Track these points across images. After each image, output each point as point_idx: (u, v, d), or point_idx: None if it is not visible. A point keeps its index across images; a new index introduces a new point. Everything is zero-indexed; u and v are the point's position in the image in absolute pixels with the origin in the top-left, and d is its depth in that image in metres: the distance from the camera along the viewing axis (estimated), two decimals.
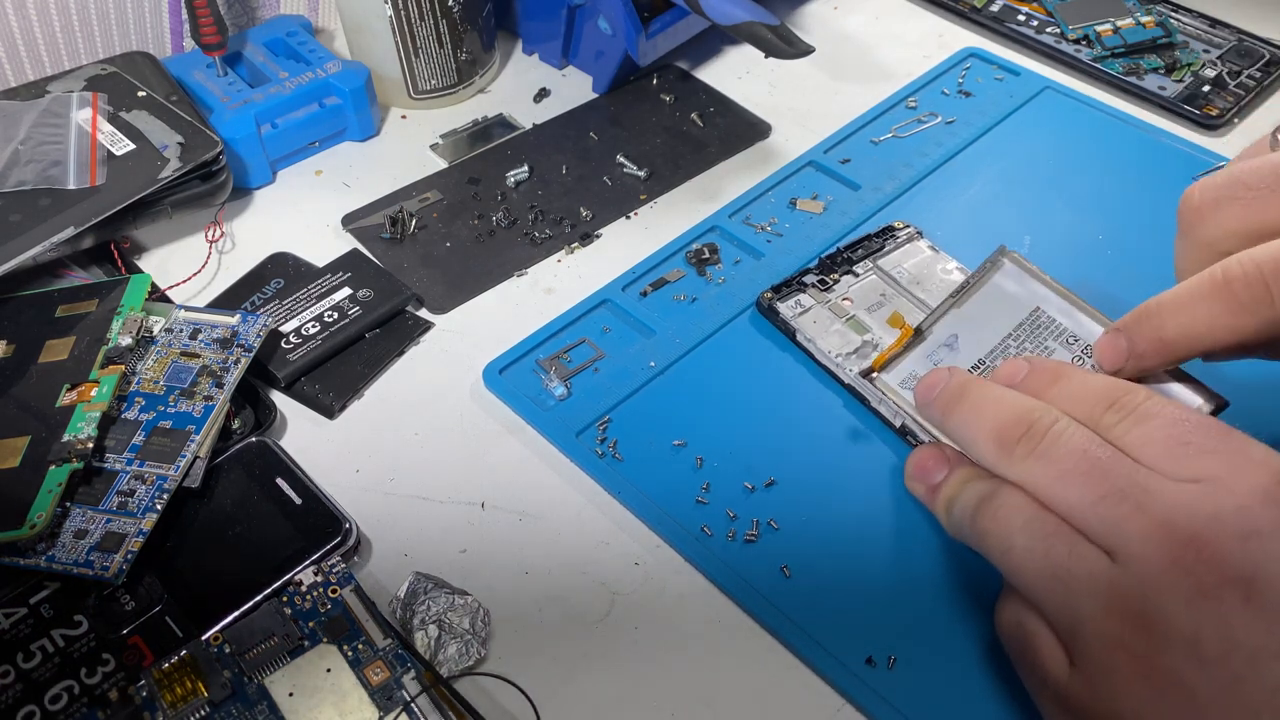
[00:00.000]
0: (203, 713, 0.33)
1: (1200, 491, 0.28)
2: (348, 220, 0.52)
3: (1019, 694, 0.33)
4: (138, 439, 0.39)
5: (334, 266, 0.48)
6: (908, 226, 0.48)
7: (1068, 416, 0.31)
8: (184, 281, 0.49)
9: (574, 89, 0.60)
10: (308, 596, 0.36)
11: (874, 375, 0.40)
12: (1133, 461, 0.30)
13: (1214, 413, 0.35)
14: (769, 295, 0.45)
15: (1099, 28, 0.61)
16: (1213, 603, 0.27)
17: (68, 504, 0.37)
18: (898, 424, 0.41)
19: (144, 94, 0.50)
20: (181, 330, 0.43)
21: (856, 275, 0.46)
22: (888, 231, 0.48)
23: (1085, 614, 0.29)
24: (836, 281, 0.46)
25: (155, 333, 0.43)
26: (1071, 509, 0.30)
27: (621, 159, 0.55)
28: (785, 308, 0.45)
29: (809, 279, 0.46)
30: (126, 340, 0.42)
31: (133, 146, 0.47)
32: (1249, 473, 0.28)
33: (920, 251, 0.47)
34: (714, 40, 0.63)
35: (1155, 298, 0.34)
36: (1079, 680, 0.29)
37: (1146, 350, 0.34)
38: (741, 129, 0.57)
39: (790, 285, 0.46)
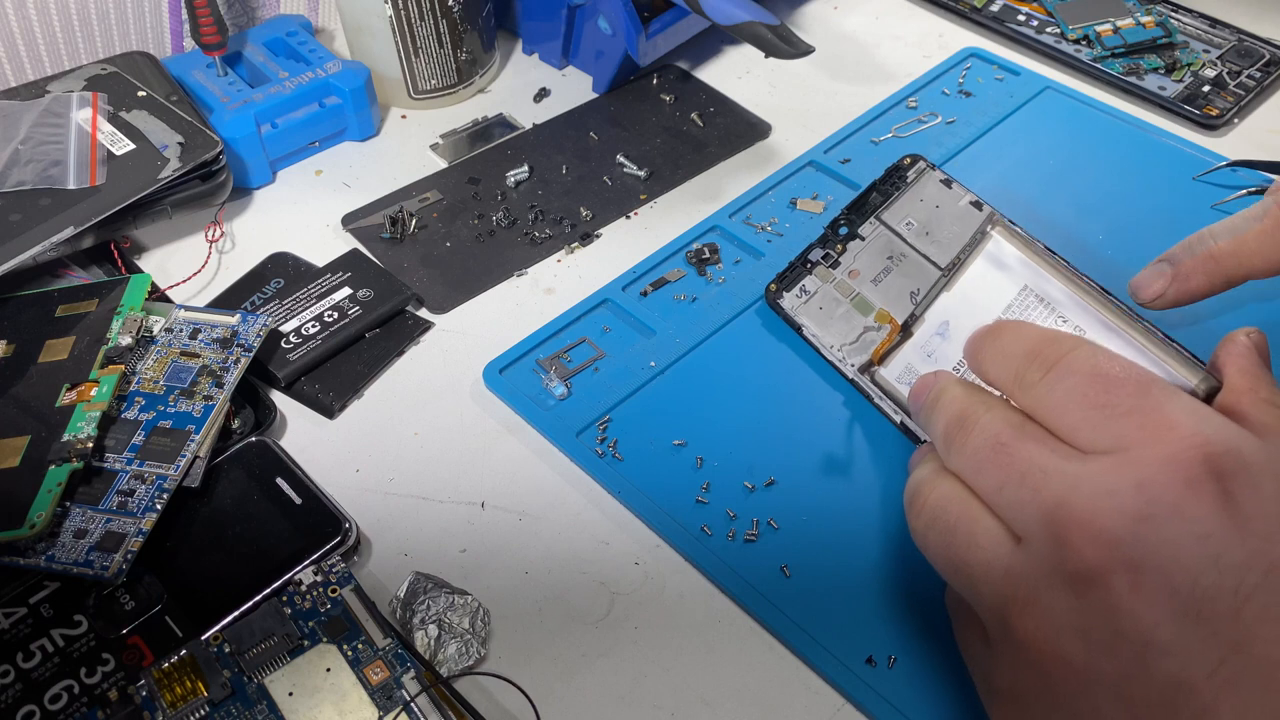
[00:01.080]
0: (202, 712, 0.33)
1: (1102, 467, 0.27)
2: (348, 220, 0.52)
3: None
4: (138, 439, 0.39)
5: (334, 266, 0.48)
6: (916, 161, 0.45)
7: (997, 404, 0.31)
8: (184, 281, 0.49)
9: (574, 89, 0.60)
10: (307, 596, 0.35)
11: (873, 369, 0.40)
12: (1040, 439, 0.29)
13: (1208, 396, 0.32)
14: (774, 286, 0.45)
15: (1099, 28, 0.61)
16: (1099, 590, 0.26)
17: (68, 504, 0.37)
18: (897, 420, 0.41)
19: (144, 94, 0.50)
20: (181, 330, 0.43)
21: (863, 238, 0.44)
22: (894, 174, 0.45)
23: (985, 602, 0.29)
24: (843, 252, 0.44)
25: (155, 332, 0.43)
26: (987, 498, 0.30)
27: (621, 159, 0.55)
28: (789, 298, 0.44)
29: (814, 255, 0.45)
30: (126, 340, 0.42)
31: (133, 146, 0.47)
32: (1159, 440, 0.27)
33: (932, 185, 0.44)
34: (714, 40, 0.63)
35: (1205, 228, 0.37)
36: (993, 663, 0.30)
37: (1193, 268, 0.35)
38: (741, 129, 0.57)
39: (795, 269, 0.45)
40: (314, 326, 0.45)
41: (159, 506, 0.37)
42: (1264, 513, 0.25)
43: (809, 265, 0.45)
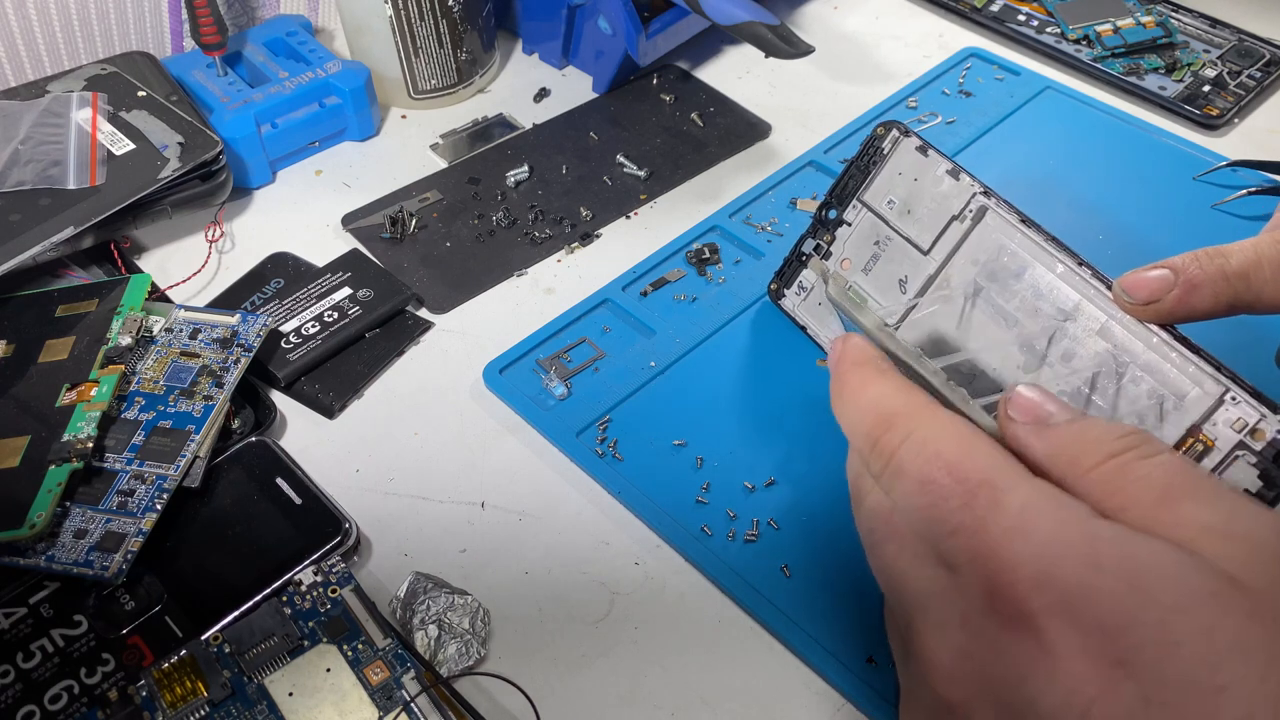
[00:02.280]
0: (202, 713, 0.33)
1: (941, 588, 0.28)
2: (348, 220, 0.52)
3: None
4: (138, 439, 0.39)
5: (334, 266, 0.48)
6: (890, 129, 0.42)
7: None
8: (184, 281, 0.49)
9: (574, 89, 0.60)
10: (307, 596, 0.35)
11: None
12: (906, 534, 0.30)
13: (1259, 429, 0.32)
14: (774, 284, 0.45)
15: (1099, 28, 0.61)
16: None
17: (67, 504, 0.37)
18: None
19: (144, 94, 0.50)
20: (181, 330, 0.43)
21: (849, 224, 0.43)
22: (870, 147, 0.42)
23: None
24: (832, 241, 0.43)
25: (155, 332, 0.43)
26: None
27: (621, 159, 0.55)
28: (790, 296, 0.45)
29: (806, 248, 0.44)
30: (126, 340, 0.42)
31: (133, 146, 0.47)
32: (981, 570, 0.26)
33: (909, 156, 0.41)
34: (714, 40, 0.63)
35: (1215, 246, 0.33)
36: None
37: (1202, 281, 0.32)
38: (741, 129, 0.57)
39: (790, 264, 0.45)
40: (314, 326, 0.45)
41: (159, 506, 0.37)
42: (1075, 648, 0.24)
43: (804, 259, 0.45)
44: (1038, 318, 0.38)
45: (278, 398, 0.44)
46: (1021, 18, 0.63)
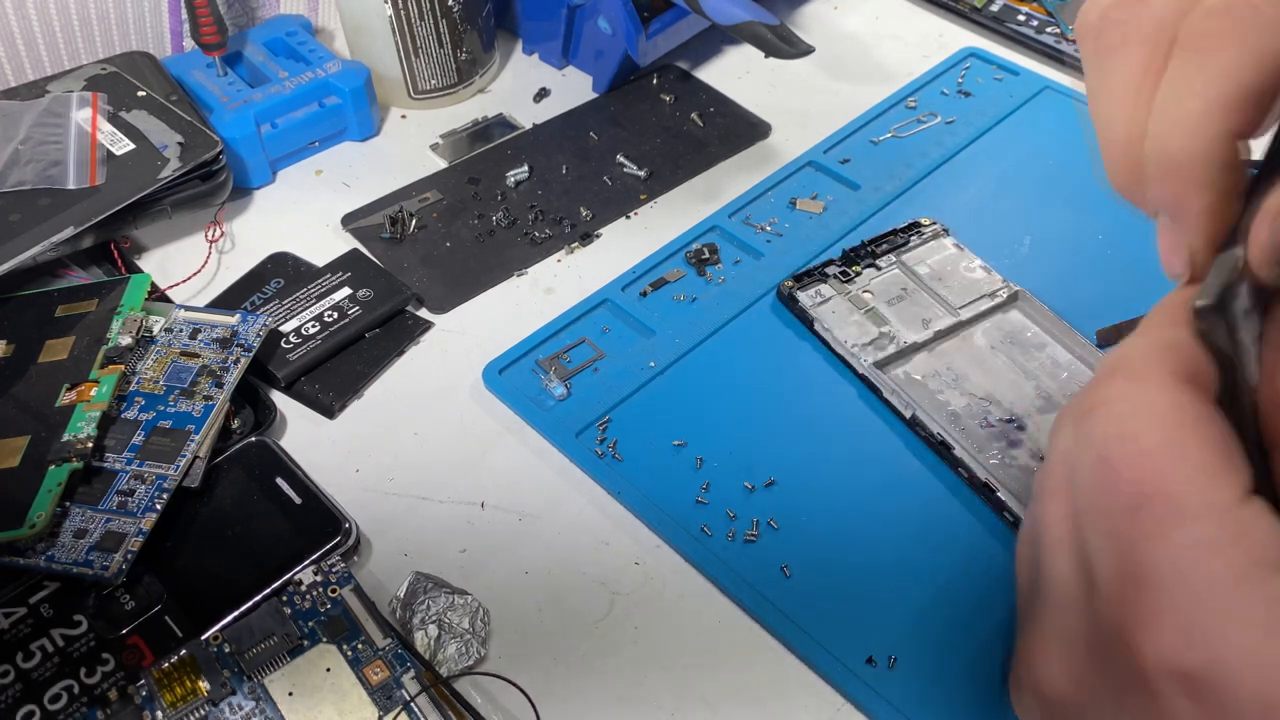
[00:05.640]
0: (202, 712, 0.33)
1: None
2: (348, 220, 0.52)
3: None
4: (137, 439, 0.39)
5: (334, 266, 0.48)
6: (934, 224, 0.48)
7: None
8: (184, 281, 0.49)
9: (574, 89, 0.60)
10: (307, 596, 0.35)
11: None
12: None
13: None
14: (790, 284, 0.46)
15: None
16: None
17: (67, 504, 0.37)
18: (908, 415, 0.41)
19: (144, 94, 0.50)
20: (181, 330, 0.43)
21: (879, 269, 0.46)
22: (914, 227, 0.48)
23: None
24: (858, 274, 0.46)
25: (155, 332, 0.43)
26: None
27: (621, 159, 0.55)
28: (805, 297, 0.45)
29: (830, 269, 0.46)
30: (126, 340, 0.42)
31: (133, 146, 0.47)
32: (1137, 632, 0.22)
33: (944, 249, 0.47)
34: (714, 40, 0.63)
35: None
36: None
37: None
38: (741, 129, 0.57)
39: (811, 275, 0.46)
40: (314, 326, 0.45)
41: (159, 506, 0.37)
42: None
43: (825, 277, 0.46)
44: (1056, 381, 0.42)
45: (278, 398, 0.44)
46: (1021, 18, 0.63)
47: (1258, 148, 0.25)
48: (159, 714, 0.33)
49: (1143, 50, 0.23)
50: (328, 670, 0.34)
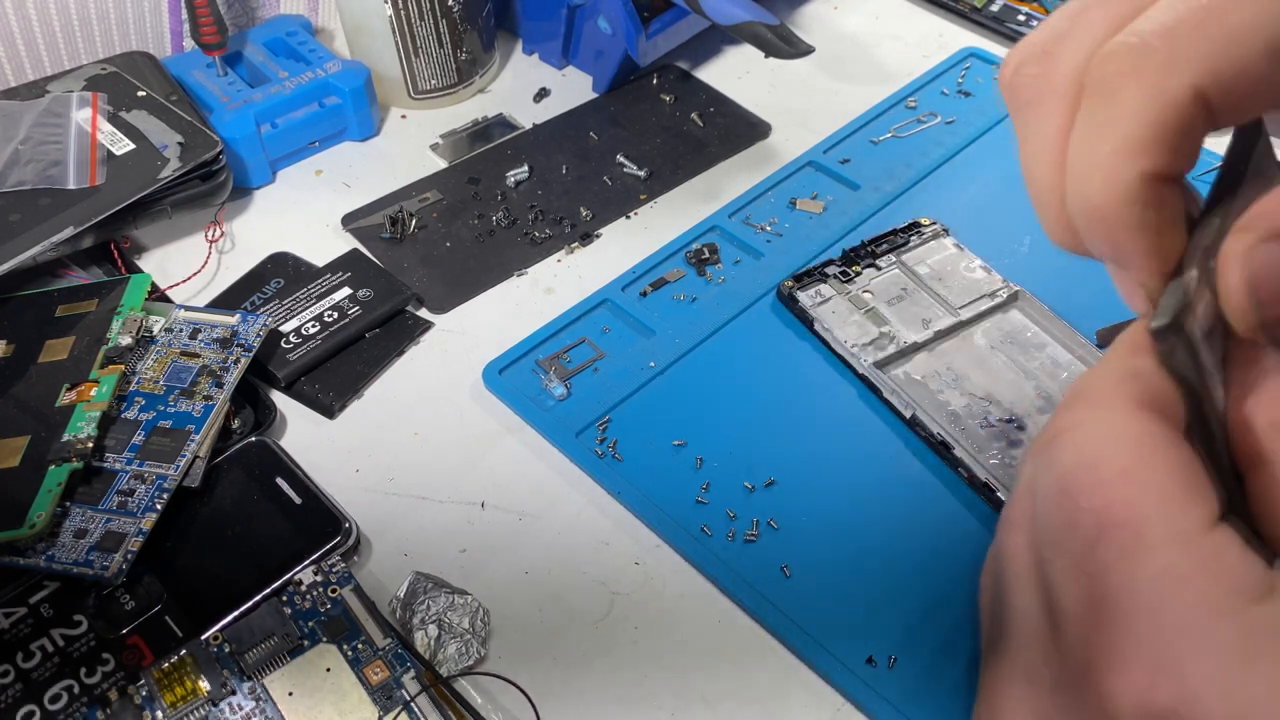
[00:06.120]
0: (202, 712, 0.33)
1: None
2: (348, 220, 0.52)
3: None
4: (137, 439, 0.39)
5: (334, 266, 0.48)
6: (934, 224, 0.48)
7: None
8: (184, 281, 0.49)
9: (574, 89, 0.60)
10: (307, 596, 0.36)
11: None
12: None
13: None
14: (789, 284, 0.46)
15: None
16: None
17: (67, 504, 0.37)
18: (908, 415, 0.41)
19: (144, 94, 0.50)
20: (181, 330, 0.43)
21: (879, 269, 0.47)
22: (914, 227, 0.48)
23: None
24: (858, 274, 0.46)
25: (155, 332, 0.43)
26: None
27: (621, 159, 0.55)
28: (805, 297, 0.45)
29: (831, 269, 0.46)
30: (126, 340, 0.42)
31: (133, 146, 0.47)
32: (1103, 672, 0.21)
33: (944, 249, 0.47)
34: (714, 40, 0.63)
35: None
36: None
37: None
38: (741, 129, 0.57)
39: (812, 275, 0.46)
40: (314, 326, 0.45)
41: (159, 506, 0.37)
42: None
43: (825, 277, 0.46)
44: (1056, 381, 0.42)
45: (278, 398, 0.44)
46: (1021, 18, 0.63)
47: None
48: (159, 714, 0.33)
49: (1056, 103, 0.23)
50: (328, 670, 0.34)
